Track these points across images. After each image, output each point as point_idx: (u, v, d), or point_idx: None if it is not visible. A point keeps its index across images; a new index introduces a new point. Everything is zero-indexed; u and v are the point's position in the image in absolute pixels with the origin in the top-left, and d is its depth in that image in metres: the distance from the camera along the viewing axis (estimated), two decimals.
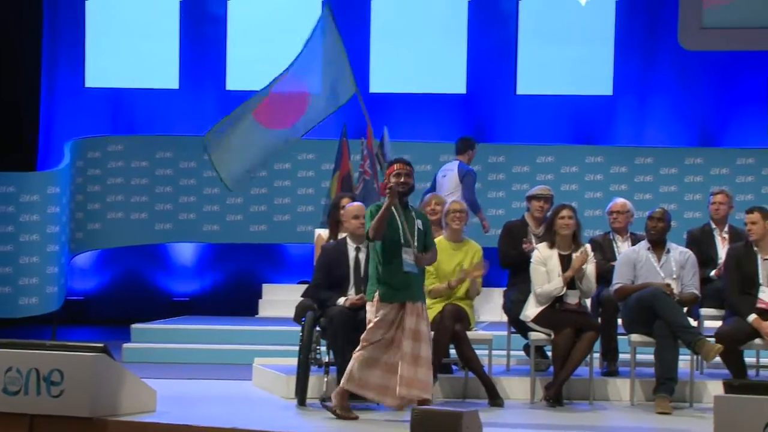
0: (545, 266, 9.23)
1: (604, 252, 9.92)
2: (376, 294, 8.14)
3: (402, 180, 8.20)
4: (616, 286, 9.34)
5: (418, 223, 8.26)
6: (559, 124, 15.56)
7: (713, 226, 10.17)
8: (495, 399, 9.06)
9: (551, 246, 9.28)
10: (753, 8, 14.83)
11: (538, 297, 9.20)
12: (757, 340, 9.08)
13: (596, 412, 8.97)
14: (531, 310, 9.25)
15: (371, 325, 8.12)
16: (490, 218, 14.55)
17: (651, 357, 9.12)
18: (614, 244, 10.03)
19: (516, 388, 9.46)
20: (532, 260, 9.28)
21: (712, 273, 9.84)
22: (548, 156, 14.89)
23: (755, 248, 9.29)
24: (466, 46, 15.57)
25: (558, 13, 15.60)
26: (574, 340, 9.01)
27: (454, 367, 9.75)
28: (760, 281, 9.21)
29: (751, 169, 14.81)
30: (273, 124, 8.68)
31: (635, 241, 9.81)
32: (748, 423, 5.83)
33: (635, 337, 9.18)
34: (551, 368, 9.31)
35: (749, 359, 9.62)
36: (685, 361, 9.31)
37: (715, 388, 8.98)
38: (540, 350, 9.68)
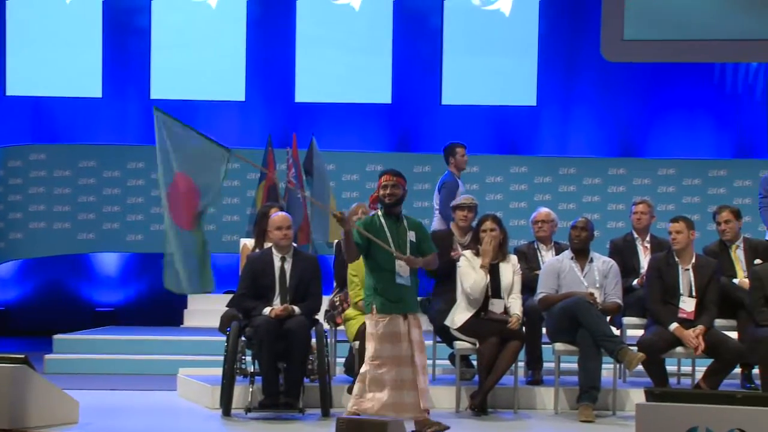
0: (474, 270, 9.27)
1: (529, 261, 9.98)
2: (373, 306, 8.07)
3: (388, 192, 8.18)
4: (541, 296, 9.40)
5: (411, 234, 8.20)
6: (484, 134, 15.64)
7: (635, 235, 10.27)
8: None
9: (478, 254, 9.32)
10: (674, 20, 15.01)
11: (468, 296, 9.19)
12: (679, 349, 9.19)
13: (521, 421, 9.01)
14: (458, 317, 9.27)
15: (374, 339, 8.02)
16: None
17: (575, 366, 9.20)
18: (539, 254, 10.09)
19: (441, 397, 9.47)
20: (459, 264, 9.31)
21: (635, 282, 9.93)
22: (473, 166, 14.93)
23: (676, 258, 9.40)
24: (392, 56, 15.61)
25: (482, 24, 15.69)
26: (499, 349, 9.05)
27: None
28: (681, 291, 9.31)
29: (672, 180, 15.01)
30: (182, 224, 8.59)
31: (559, 250, 9.89)
32: (669, 430, 5.89)
33: (559, 346, 9.25)
34: (476, 377, 9.34)
35: (671, 367, 9.72)
36: (608, 369, 9.40)
37: (637, 396, 9.06)
38: (465, 359, 9.72)
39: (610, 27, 15.07)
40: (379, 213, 8.22)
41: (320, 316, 9.32)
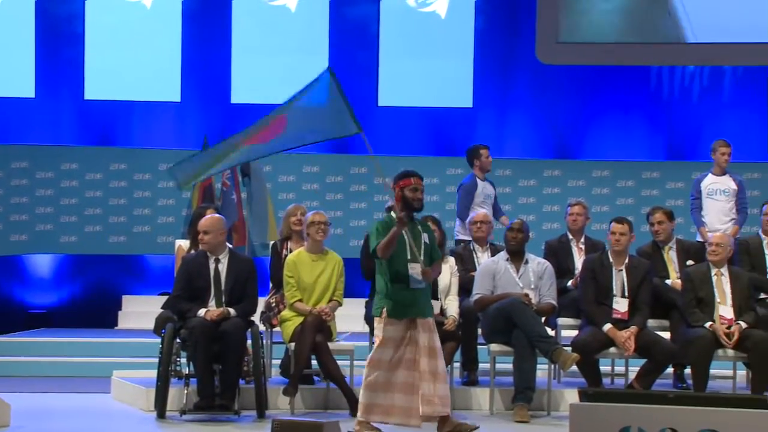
0: None
1: (465, 262, 10.02)
2: (384, 310, 7.98)
3: (419, 196, 8.07)
4: (476, 297, 9.44)
5: (425, 236, 8.12)
6: (421, 135, 15.67)
7: (570, 237, 10.34)
8: (356, 409, 9.05)
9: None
10: (608, 23, 15.14)
11: None
12: (612, 349, 9.27)
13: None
14: None
15: (378, 343, 7.96)
16: (351, 229, 14.63)
17: (510, 366, 9.24)
18: (474, 255, 10.13)
19: None
20: None
21: (569, 283, 10.00)
22: (409, 167, 14.93)
23: (610, 259, 9.48)
24: (328, 57, 15.58)
25: (418, 26, 15.71)
26: None
27: (315, 378, 9.74)
28: (615, 291, 9.39)
29: (606, 182, 15.12)
30: (248, 142, 8.58)
31: (495, 251, 9.94)
32: (603, 430, 5.93)
33: (494, 346, 9.29)
34: None
35: (604, 368, 9.80)
36: (542, 370, 9.46)
37: (571, 396, 9.13)
38: None
39: (545, 29, 15.17)
40: (394, 216, 8.07)
41: (256, 318, 9.30)
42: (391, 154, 15.12)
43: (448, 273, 9.39)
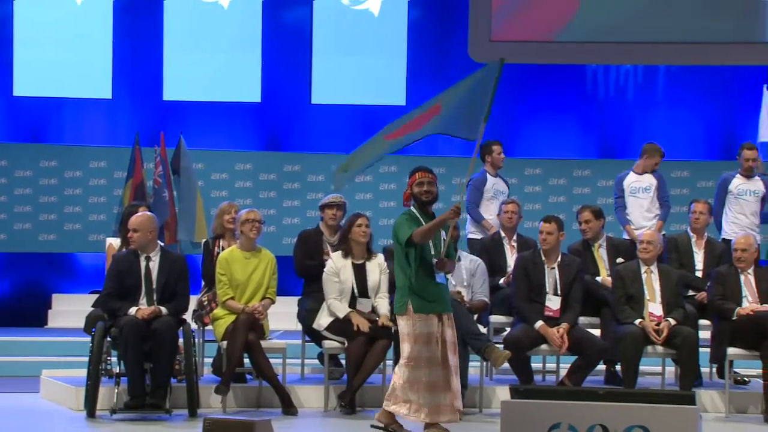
0: (338, 277, 9.30)
1: None
2: (409, 305, 7.88)
3: (425, 189, 8.01)
4: None
5: (442, 233, 8.06)
6: (355, 133, 15.63)
7: (503, 234, 10.40)
8: (289, 407, 9.06)
9: (345, 255, 9.34)
10: (542, 21, 15.21)
11: (329, 308, 9.26)
12: (544, 346, 9.33)
13: None
14: (324, 319, 9.29)
15: (410, 340, 7.87)
16: (284, 227, 14.58)
17: None
18: None
19: (310, 396, 9.48)
20: (325, 270, 9.33)
21: (501, 281, 10.05)
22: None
23: (543, 257, 9.54)
24: (261, 55, 15.52)
25: (351, 23, 15.69)
26: (368, 348, 9.08)
27: (248, 377, 9.71)
28: (547, 289, 9.46)
29: (538, 180, 15.20)
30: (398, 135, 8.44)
31: None
32: (534, 427, 5.97)
33: None
34: (345, 376, 9.36)
35: (536, 365, 9.86)
36: (475, 367, 9.50)
37: (503, 393, 9.17)
38: (334, 359, 9.72)
39: (478, 28, 15.21)
40: (414, 210, 8.04)
41: (188, 316, 9.25)
42: (324, 151, 15.11)
43: (377, 270, 9.41)
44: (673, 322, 9.39)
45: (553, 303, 9.41)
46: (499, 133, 15.62)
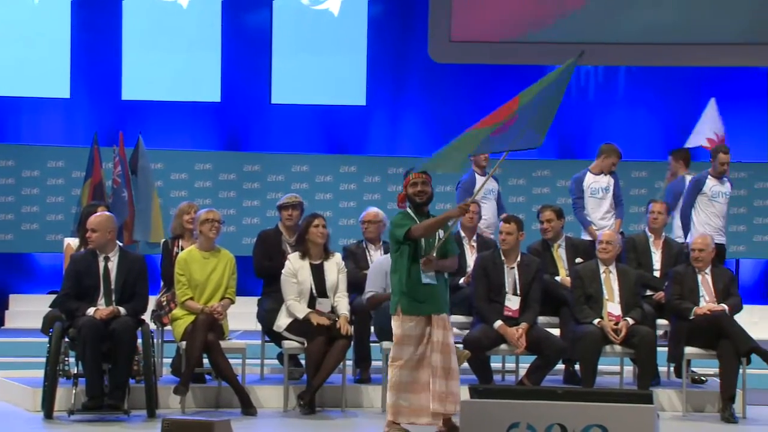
0: (296, 278, 9.29)
1: (358, 261, 10.04)
2: (399, 307, 7.93)
3: (419, 189, 8.03)
4: (369, 294, 9.46)
5: (439, 232, 8.05)
6: (314, 133, 15.65)
7: (463, 234, 10.41)
8: (248, 408, 9.05)
9: (303, 256, 9.34)
10: (502, 22, 15.26)
11: (288, 309, 9.25)
12: (503, 346, 9.37)
13: (348, 419, 9.06)
14: (283, 320, 9.29)
15: (403, 341, 7.89)
16: (244, 227, 14.55)
17: None
18: (367, 253, 10.15)
19: (270, 396, 9.46)
20: (283, 272, 9.33)
21: (461, 281, 10.06)
22: (303, 165, 14.95)
23: (502, 257, 9.57)
24: (220, 54, 15.48)
25: (311, 23, 15.68)
26: (327, 348, 9.08)
27: (207, 377, 9.68)
28: (507, 289, 9.49)
29: (498, 179, 15.19)
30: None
31: (388, 250, 9.96)
32: (493, 426, 6.00)
33: (387, 344, 9.29)
34: (305, 376, 9.35)
35: (495, 365, 9.88)
36: None
37: (463, 393, 9.16)
38: (294, 359, 9.71)
39: (438, 28, 15.24)
40: (409, 211, 8.06)
41: (147, 317, 9.21)
42: (284, 151, 15.09)
43: (335, 270, 9.41)
44: (631, 321, 9.45)
45: (513, 303, 9.44)
46: (458, 132, 15.64)
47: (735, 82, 15.61)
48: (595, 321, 9.46)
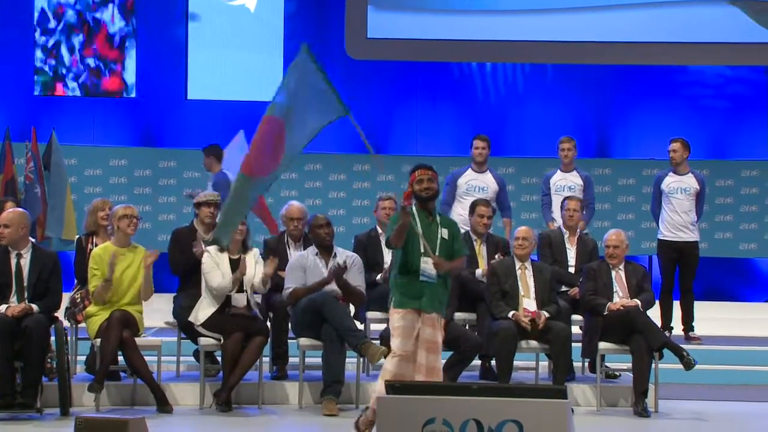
0: (219, 267, 9.25)
1: (279, 256, 10.00)
2: (393, 301, 7.95)
3: (425, 186, 7.96)
4: (288, 290, 9.44)
5: (443, 231, 8.00)
6: (231, 129, 15.54)
7: (380, 231, 10.42)
8: (164, 405, 8.98)
9: (222, 250, 9.30)
10: (418, 20, 15.31)
11: (214, 292, 9.18)
12: None
13: (265, 416, 9.04)
14: (201, 313, 9.23)
15: (396, 333, 7.89)
16: (159, 224, 14.44)
17: (320, 360, 9.27)
18: (288, 249, 10.12)
19: (186, 393, 9.40)
20: (204, 261, 9.27)
21: (378, 277, 10.08)
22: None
23: None
24: (136, 49, 15.35)
25: (228, 19, 15.61)
26: (244, 344, 9.05)
27: (122, 374, 9.59)
28: None
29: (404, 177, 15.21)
30: (257, 172, 8.34)
31: (309, 245, 9.94)
32: (409, 422, 6.01)
33: (304, 340, 9.31)
34: (221, 373, 9.31)
35: None
36: (352, 363, 9.52)
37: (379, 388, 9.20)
38: (210, 355, 9.66)
39: (354, 25, 15.25)
40: (414, 208, 7.98)
41: (61, 314, 9.11)
42: (201, 147, 14.98)
43: (253, 264, 9.38)
44: (546, 314, 9.51)
45: None
46: (375, 129, 15.72)
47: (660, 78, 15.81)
48: (510, 314, 9.49)
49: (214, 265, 9.26)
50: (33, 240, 9.07)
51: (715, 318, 12.88)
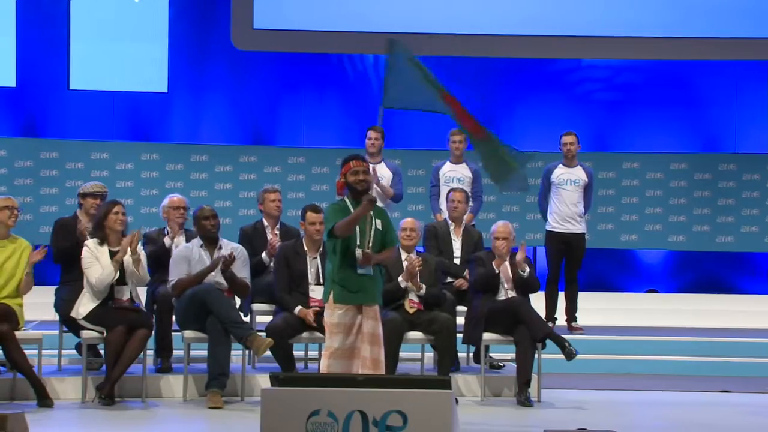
0: (99, 261, 9.14)
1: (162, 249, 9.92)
2: (331, 295, 7.78)
3: (360, 178, 7.85)
4: (173, 282, 9.36)
5: (377, 222, 7.90)
6: (114, 120, 15.40)
7: (266, 223, 10.38)
8: (44, 400, 8.84)
9: (102, 243, 9.19)
10: (305, 11, 15.29)
11: (95, 287, 9.05)
12: (305, 334, 9.39)
13: (149, 410, 8.96)
14: (83, 307, 9.11)
15: (328, 329, 7.77)
16: (41, 216, 14.21)
17: (205, 353, 9.21)
18: (167, 239, 10.03)
19: (68, 387, 9.28)
20: (84, 256, 9.15)
21: (264, 254, 10.02)
22: (103, 152, 14.70)
23: (305, 247, 9.59)
24: (16, 38, 15.07)
25: (111, 8, 15.41)
26: (127, 337, 8.96)
27: (1, 368, 9.42)
28: (310, 279, 9.51)
29: (301, 168, 15.23)
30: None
31: (190, 237, 9.88)
32: (294, 414, 6.01)
33: (189, 333, 9.25)
34: (104, 366, 9.20)
35: (298, 353, 9.91)
36: (237, 355, 9.48)
37: (265, 381, 9.17)
38: (93, 349, 9.54)
39: (240, 15, 15.17)
40: (347, 200, 7.89)
41: None
42: (83, 138, 14.81)
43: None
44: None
45: (317, 293, 9.45)
46: (261, 120, 15.68)
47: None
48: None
49: (94, 260, 9.13)
50: None
51: (597, 308, 13.11)
